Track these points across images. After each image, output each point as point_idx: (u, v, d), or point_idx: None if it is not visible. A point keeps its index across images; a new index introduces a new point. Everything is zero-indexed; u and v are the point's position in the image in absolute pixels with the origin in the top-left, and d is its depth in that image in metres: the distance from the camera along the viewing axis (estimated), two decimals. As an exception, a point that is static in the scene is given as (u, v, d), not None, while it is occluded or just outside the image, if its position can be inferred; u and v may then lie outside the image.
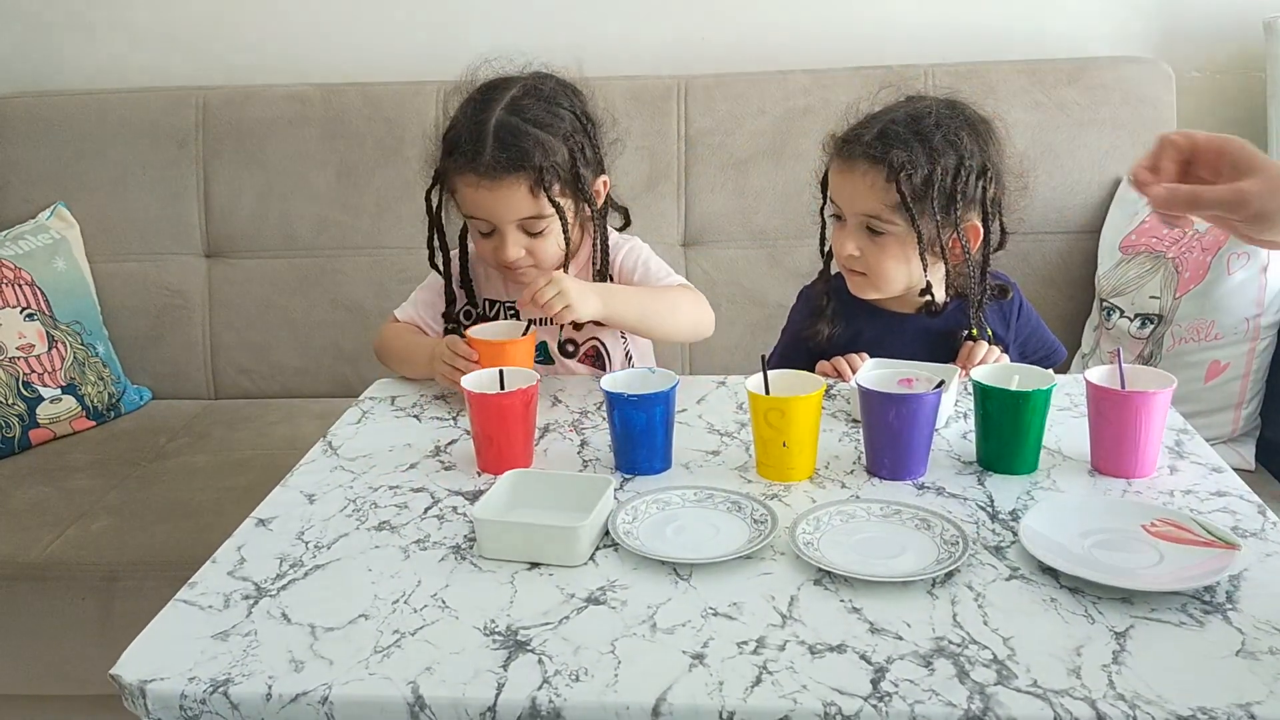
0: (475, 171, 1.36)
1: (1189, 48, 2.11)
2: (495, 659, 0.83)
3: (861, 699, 0.77)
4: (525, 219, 1.39)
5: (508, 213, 1.39)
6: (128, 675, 0.84)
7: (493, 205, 1.38)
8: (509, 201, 1.38)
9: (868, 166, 1.35)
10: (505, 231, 1.40)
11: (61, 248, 2.05)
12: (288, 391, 2.12)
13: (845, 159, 1.37)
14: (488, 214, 1.39)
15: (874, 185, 1.34)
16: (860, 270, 1.40)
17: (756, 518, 1.02)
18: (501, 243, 1.40)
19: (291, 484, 1.16)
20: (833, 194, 1.40)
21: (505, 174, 1.36)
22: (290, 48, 2.24)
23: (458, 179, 1.40)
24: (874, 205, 1.35)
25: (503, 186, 1.36)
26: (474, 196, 1.39)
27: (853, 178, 1.36)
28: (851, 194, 1.37)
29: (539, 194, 1.38)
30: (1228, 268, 1.67)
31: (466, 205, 1.41)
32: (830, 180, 1.41)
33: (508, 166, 1.35)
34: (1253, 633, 0.84)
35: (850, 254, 1.38)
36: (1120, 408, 1.09)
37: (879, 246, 1.37)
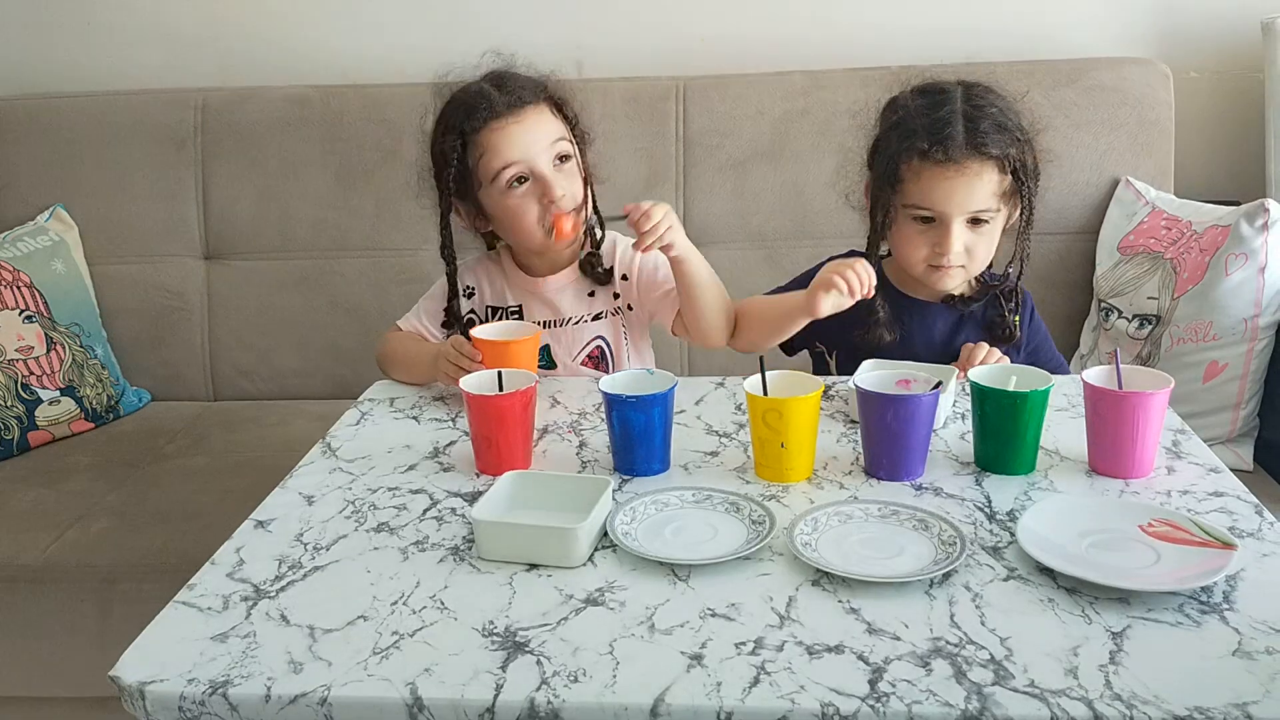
0: (496, 115, 1.40)
1: (1187, 49, 2.11)
2: (494, 660, 0.83)
3: (859, 699, 0.77)
4: (556, 141, 1.42)
5: (542, 137, 1.41)
6: (127, 677, 0.84)
7: (524, 136, 1.40)
8: (539, 125, 1.42)
9: (979, 165, 1.36)
10: (542, 167, 1.41)
11: (60, 250, 2.05)
12: (287, 393, 2.12)
13: (944, 161, 1.36)
14: (523, 150, 1.40)
15: (986, 180, 1.36)
16: (961, 264, 1.40)
17: (755, 518, 1.02)
18: (544, 183, 1.40)
19: (290, 486, 1.16)
20: (929, 200, 1.37)
21: (525, 104, 1.41)
22: (289, 49, 2.24)
23: (483, 132, 1.40)
24: (982, 200, 1.37)
25: (528, 114, 1.41)
26: (505, 137, 1.40)
27: (964, 179, 1.36)
28: (965, 195, 1.36)
29: (557, 115, 1.44)
30: (1225, 268, 1.67)
31: (500, 152, 1.40)
32: (927, 188, 1.37)
33: (525, 97, 1.41)
34: (1249, 633, 0.84)
35: (958, 252, 1.38)
36: (1118, 408, 1.09)
37: (981, 236, 1.39)
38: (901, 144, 1.39)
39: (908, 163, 1.38)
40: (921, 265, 1.43)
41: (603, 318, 1.51)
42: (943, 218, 1.38)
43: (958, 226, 1.38)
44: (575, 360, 1.51)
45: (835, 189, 1.98)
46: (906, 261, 1.44)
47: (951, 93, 1.41)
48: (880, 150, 1.44)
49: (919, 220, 1.40)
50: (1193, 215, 1.81)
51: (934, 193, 1.37)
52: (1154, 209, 1.88)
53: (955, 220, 1.38)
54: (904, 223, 1.41)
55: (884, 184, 1.41)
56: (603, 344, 1.52)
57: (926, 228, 1.40)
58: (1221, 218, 1.74)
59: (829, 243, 2.01)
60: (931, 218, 1.39)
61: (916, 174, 1.38)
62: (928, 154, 1.36)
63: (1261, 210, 1.66)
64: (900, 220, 1.41)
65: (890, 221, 1.42)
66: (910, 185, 1.39)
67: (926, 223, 1.40)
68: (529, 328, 1.39)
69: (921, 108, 1.40)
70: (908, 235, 1.42)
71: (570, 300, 1.50)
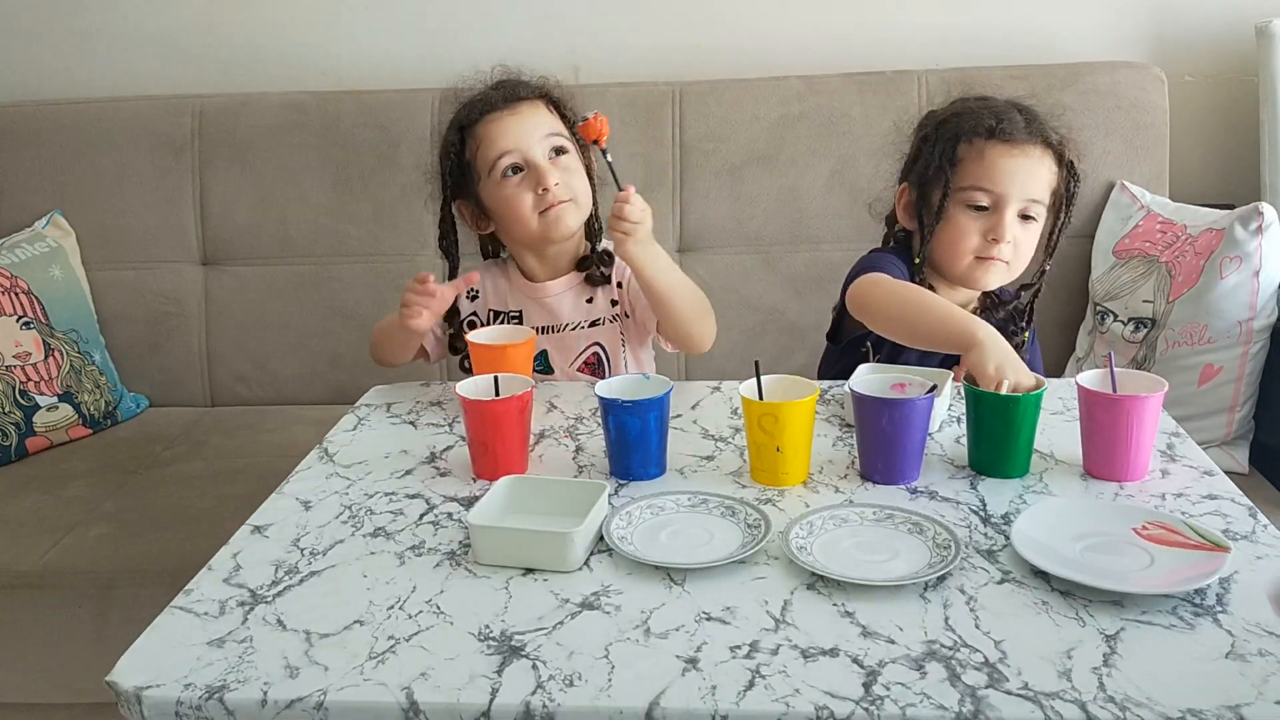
0: (494, 107, 1.45)
1: (1182, 52, 2.11)
2: (489, 664, 0.84)
3: (854, 702, 0.78)
4: (551, 134, 1.45)
5: (535, 129, 1.45)
6: (124, 682, 0.84)
7: (519, 126, 1.44)
8: (533, 118, 1.46)
9: (1041, 151, 1.38)
10: (536, 157, 1.44)
11: (58, 256, 2.05)
12: (284, 399, 2.13)
13: (1009, 140, 1.38)
14: (516, 139, 1.44)
15: (1046, 168, 1.38)
16: (1008, 259, 1.41)
17: (750, 522, 1.03)
18: (538, 171, 1.43)
19: (287, 491, 1.16)
20: (990, 178, 1.38)
21: (521, 100, 1.46)
22: (286, 55, 2.25)
23: (479, 124, 1.46)
24: (1040, 189, 1.38)
25: (523, 107, 1.46)
26: (500, 126, 1.44)
27: (1027, 160, 1.38)
28: (1026, 176, 1.38)
29: (554, 113, 1.48)
30: (1220, 272, 1.68)
31: (495, 142, 1.44)
32: (990, 167, 1.38)
33: (522, 94, 1.47)
34: (1242, 635, 0.84)
35: (1009, 241, 1.39)
36: (1112, 411, 1.10)
37: (1028, 233, 1.41)
38: (963, 125, 1.41)
39: (969, 142, 1.40)
40: (969, 257, 1.41)
41: (600, 324, 1.52)
42: (999, 201, 1.39)
43: (1011, 214, 1.39)
44: (572, 366, 1.52)
45: (833, 197, 2.00)
46: (954, 254, 1.42)
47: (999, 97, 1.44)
48: (934, 140, 1.44)
49: (973, 208, 1.40)
50: (1188, 219, 1.81)
51: (996, 170, 1.38)
52: (1149, 213, 1.88)
53: (1011, 204, 1.39)
54: (956, 212, 1.41)
55: (939, 172, 1.41)
56: (600, 350, 1.52)
57: (980, 215, 1.40)
58: (1216, 221, 1.74)
59: (825, 247, 2.03)
60: (985, 206, 1.40)
61: (980, 153, 1.39)
62: (994, 131, 1.38)
63: (1256, 214, 1.66)
64: (952, 210, 1.41)
65: (941, 215, 1.41)
66: (971, 166, 1.40)
67: (979, 210, 1.40)
68: (525, 332, 1.40)
69: (977, 102, 1.44)
70: (960, 225, 1.41)
71: (569, 306, 1.51)
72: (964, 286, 1.47)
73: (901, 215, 1.50)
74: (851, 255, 1.55)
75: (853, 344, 1.51)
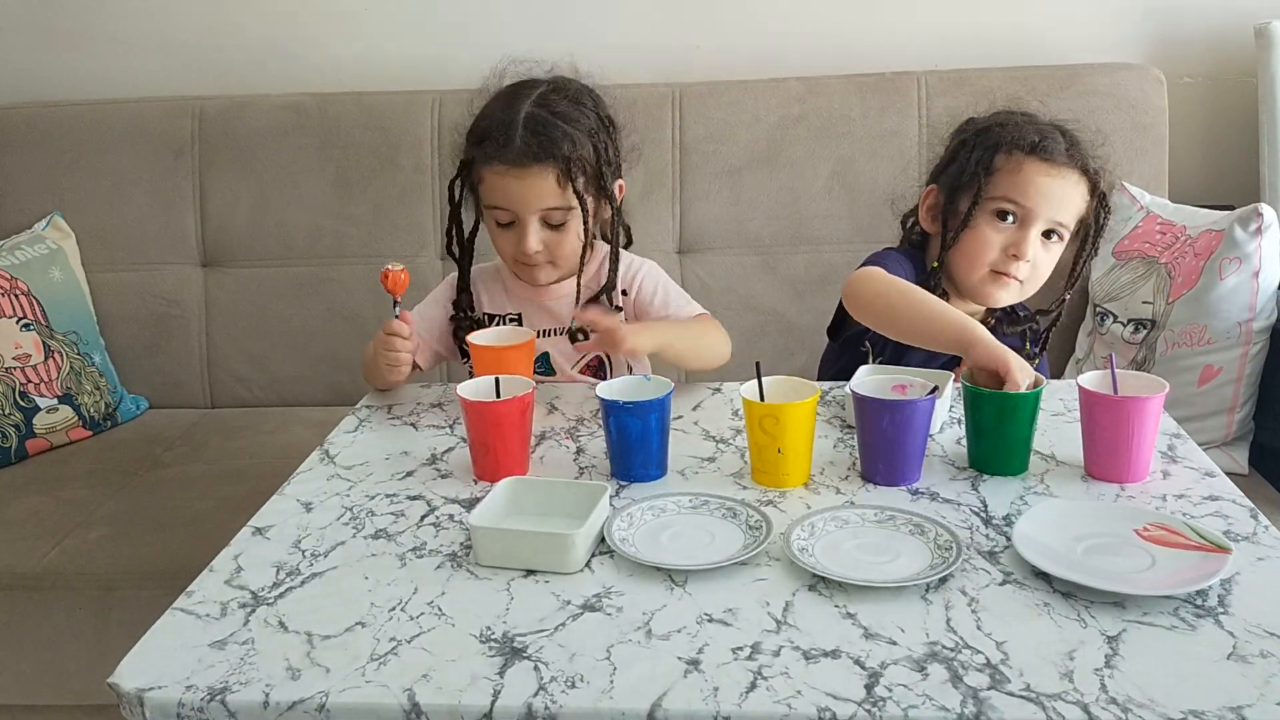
0: (504, 160, 1.39)
1: (1180, 54, 2.12)
2: (491, 666, 0.84)
3: (855, 704, 0.78)
4: (549, 209, 1.42)
5: (534, 201, 1.41)
6: (125, 684, 0.84)
7: (520, 193, 1.40)
8: (536, 190, 1.40)
9: (1078, 178, 1.39)
10: (527, 222, 1.42)
11: (58, 257, 2.05)
12: (284, 400, 2.13)
13: (1049, 159, 1.38)
14: (513, 202, 1.41)
15: (1079, 194, 1.39)
16: (1023, 278, 1.41)
17: (751, 524, 1.03)
18: (522, 233, 1.42)
19: (288, 493, 1.16)
20: (1023, 192, 1.38)
21: (534, 163, 1.39)
22: (286, 57, 2.25)
23: (485, 168, 1.42)
24: (1069, 215, 1.39)
25: (530, 175, 1.39)
26: (501, 184, 1.41)
27: (1062, 182, 1.38)
28: (1060, 198, 1.38)
29: (565, 185, 1.40)
30: (1220, 273, 1.68)
31: (492, 194, 1.43)
32: (1025, 180, 1.38)
33: (537, 155, 1.38)
34: (1244, 636, 0.84)
35: (1027, 259, 1.39)
36: (1113, 413, 1.10)
37: (1048, 253, 1.41)
38: (1005, 136, 1.40)
39: (1009, 154, 1.40)
40: (985, 269, 1.41)
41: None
42: (1027, 217, 1.39)
43: (1036, 231, 1.39)
44: (574, 368, 1.52)
45: (833, 198, 2.00)
46: (972, 264, 1.41)
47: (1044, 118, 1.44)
48: (972, 146, 1.43)
49: (999, 216, 1.40)
50: (1187, 220, 1.82)
51: (1031, 186, 1.38)
52: (1148, 214, 1.88)
53: (1038, 222, 1.39)
54: (982, 222, 1.40)
55: (972, 178, 1.40)
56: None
57: (1004, 228, 1.40)
58: (1215, 222, 1.74)
59: (825, 248, 2.03)
60: (1011, 218, 1.39)
61: (1017, 166, 1.39)
62: (1036, 148, 1.38)
63: (1255, 215, 1.66)
64: (979, 219, 1.40)
65: (967, 222, 1.41)
66: (1006, 177, 1.39)
67: (1005, 223, 1.40)
68: (525, 333, 1.40)
69: (1022, 116, 1.43)
70: (983, 235, 1.40)
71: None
72: (974, 300, 1.46)
73: (924, 217, 1.49)
74: (851, 256, 1.56)
75: (852, 341, 1.51)
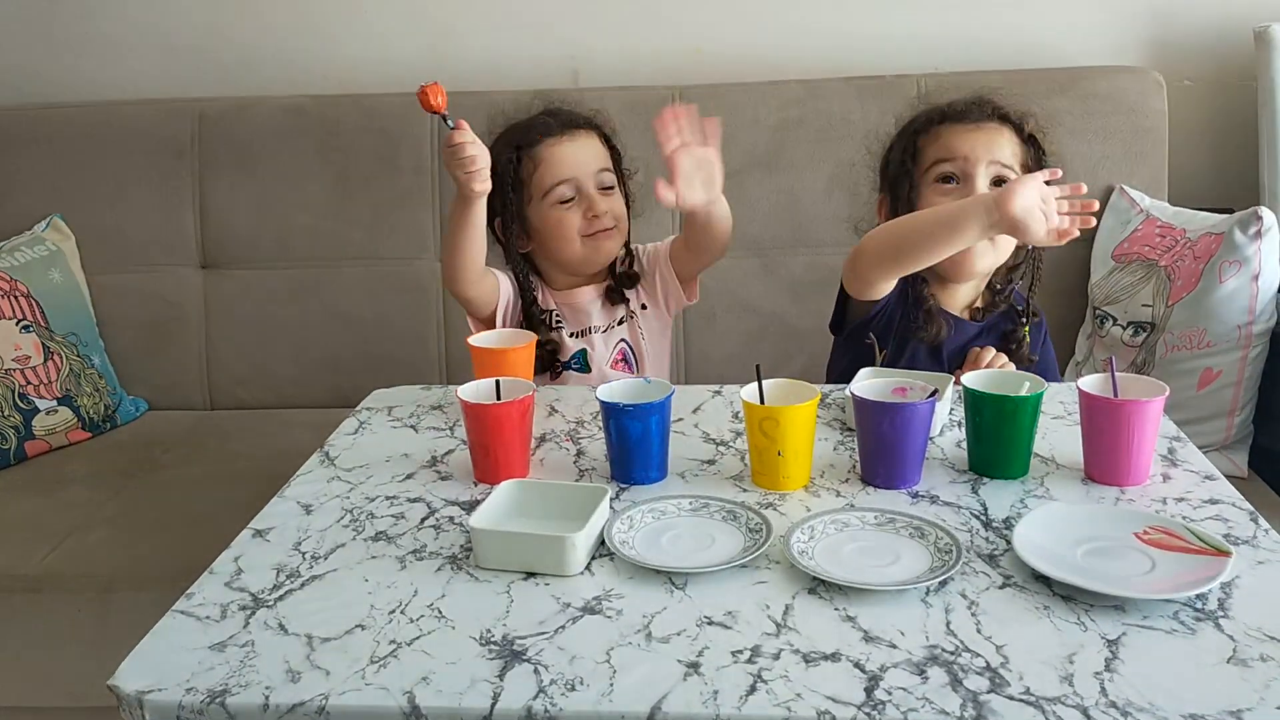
0: (553, 132, 1.55)
1: (1180, 57, 2.12)
2: (491, 669, 0.84)
3: (855, 707, 0.78)
4: (602, 170, 1.56)
5: (591, 161, 1.55)
6: (125, 686, 0.84)
7: (575, 154, 1.54)
8: (590, 150, 1.56)
9: (998, 124, 1.42)
10: (588, 186, 1.54)
11: (58, 259, 2.05)
12: (284, 402, 2.12)
13: (963, 120, 1.43)
14: (574, 168, 1.54)
15: (1007, 139, 1.43)
16: None
17: (751, 527, 1.03)
18: (590, 199, 1.54)
19: (288, 495, 1.16)
20: (952, 150, 1.42)
21: (580, 128, 1.57)
22: (286, 59, 2.25)
23: (538, 147, 1.54)
24: (1006, 155, 1.41)
25: (580, 137, 1.56)
26: (558, 152, 1.54)
27: (984, 133, 1.42)
28: (987, 144, 1.41)
29: (607, 148, 1.58)
30: (1219, 276, 1.68)
31: (552, 168, 1.53)
32: (948, 140, 1.42)
33: (581, 124, 1.58)
34: (1244, 640, 0.84)
35: None
36: (1113, 416, 1.10)
37: None
38: (919, 120, 1.46)
39: (928, 131, 1.45)
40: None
41: (624, 322, 1.62)
42: (966, 169, 1.41)
43: (982, 179, 1.40)
44: (607, 364, 1.59)
45: (832, 200, 2.00)
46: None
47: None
48: (895, 147, 1.49)
49: (942, 180, 1.42)
50: (1186, 223, 1.82)
51: (954, 142, 1.42)
52: (1148, 217, 1.88)
53: (980, 169, 1.40)
54: (928, 193, 1.43)
55: (904, 168, 1.44)
56: (625, 346, 1.61)
57: (950, 189, 1.41)
58: (1215, 225, 1.75)
59: (825, 251, 2.02)
60: (954, 175, 1.41)
61: (937, 134, 1.44)
62: (947, 114, 1.43)
63: (1255, 218, 1.66)
64: (924, 193, 1.43)
65: (916, 199, 1.43)
66: (931, 148, 1.44)
67: (949, 182, 1.42)
68: (525, 335, 1.40)
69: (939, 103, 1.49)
70: (933, 203, 1.41)
71: (600, 310, 1.61)
72: (954, 276, 1.46)
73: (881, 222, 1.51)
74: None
75: (857, 333, 1.51)
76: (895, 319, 1.46)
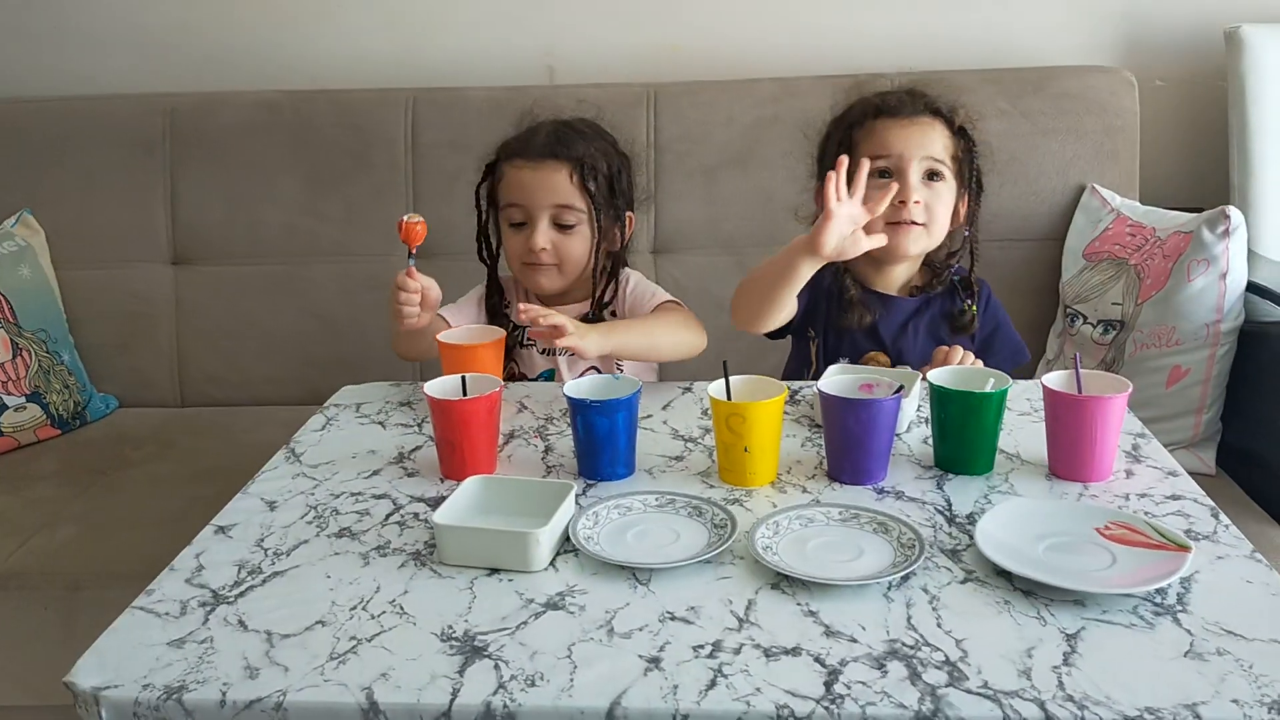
0: (523, 155, 1.49)
1: (1152, 57, 2.13)
2: (451, 664, 0.83)
3: (814, 701, 0.78)
4: (559, 206, 1.48)
5: (545, 195, 1.47)
6: (81, 682, 0.84)
7: (533, 185, 1.47)
8: (549, 183, 1.47)
9: (929, 119, 1.45)
10: (538, 217, 1.47)
11: (27, 255, 2.04)
12: (256, 400, 2.11)
13: (897, 115, 1.45)
14: (527, 196, 1.48)
15: (939, 133, 1.45)
16: (921, 221, 1.44)
17: (717, 522, 1.03)
18: (532, 229, 1.48)
19: (252, 491, 1.15)
20: (885, 146, 1.44)
21: (549, 158, 1.48)
22: (259, 54, 2.23)
23: (506, 165, 1.50)
24: (937, 150, 1.44)
25: (545, 168, 1.48)
26: (517, 177, 1.49)
27: (916, 127, 1.45)
28: (920, 139, 1.44)
29: (577, 185, 1.48)
30: (1188, 274, 1.69)
31: (508, 190, 1.50)
32: (882, 136, 1.45)
33: (554, 152, 1.48)
34: (1201, 634, 0.85)
35: (916, 201, 1.43)
36: (1076, 412, 1.10)
37: (937, 194, 1.45)
38: (853, 114, 1.48)
39: (862, 125, 1.47)
40: (881, 226, 1.42)
41: None
42: (900, 164, 1.44)
43: (915, 174, 1.44)
44: None
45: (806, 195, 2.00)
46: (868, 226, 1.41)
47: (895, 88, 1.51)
48: (831, 137, 1.51)
49: (877, 175, 1.44)
50: (1157, 222, 1.83)
51: (887, 136, 1.45)
52: (1119, 215, 1.90)
53: (913, 165, 1.44)
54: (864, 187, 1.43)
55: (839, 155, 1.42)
56: (595, 368, 1.54)
57: (886, 183, 1.42)
58: (1184, 224, 1.76)
59: (799, 249, 2.03)
60: (888, 171, 1.44)
61: (871, 130, 1.46)
62: (881, 109, 1.46)
63: (1223, 217, 1.68)
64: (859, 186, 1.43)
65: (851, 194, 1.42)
66: (865, 143, 1.46)
67: (885, 177, 1.44)
68: (494, 331, 1.39)
69: (869, 95, 1.51)
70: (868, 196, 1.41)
71: None
72: (890, 258, 1.49)
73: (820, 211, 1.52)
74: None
75: (799, 334, 1.56)
76: (823, 311, 1.51)
